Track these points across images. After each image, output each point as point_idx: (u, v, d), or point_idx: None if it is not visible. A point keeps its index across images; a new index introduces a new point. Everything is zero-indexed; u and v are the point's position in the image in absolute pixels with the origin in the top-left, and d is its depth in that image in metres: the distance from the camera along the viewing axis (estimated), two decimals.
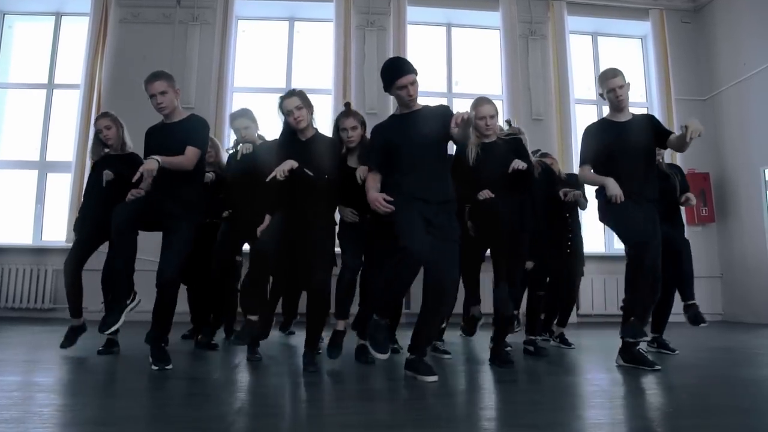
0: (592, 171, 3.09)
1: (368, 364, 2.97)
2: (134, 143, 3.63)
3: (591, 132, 3.14)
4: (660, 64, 6.98)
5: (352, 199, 3.15)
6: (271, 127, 5.78)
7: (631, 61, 7.39)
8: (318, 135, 3.04)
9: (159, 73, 3.00)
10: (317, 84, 6.67)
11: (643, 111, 7.17)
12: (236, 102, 6.80)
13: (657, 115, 6.90)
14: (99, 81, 6.36)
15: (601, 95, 3.11)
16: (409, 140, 2.65)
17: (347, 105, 3.46)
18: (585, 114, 6.96)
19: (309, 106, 2.96)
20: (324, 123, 6.30)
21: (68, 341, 3.28)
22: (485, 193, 2.99)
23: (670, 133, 3.07)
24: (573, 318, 4.25)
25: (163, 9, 6.59)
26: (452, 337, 3.91)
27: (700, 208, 6.62)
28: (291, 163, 2.78)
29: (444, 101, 6.87)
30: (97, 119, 3.57)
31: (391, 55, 6.50)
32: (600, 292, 6.46)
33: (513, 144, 3.21)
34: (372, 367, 2.93)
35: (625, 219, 2.91)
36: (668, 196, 3.60)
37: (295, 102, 2.90)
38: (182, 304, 3.45)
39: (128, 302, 2.89)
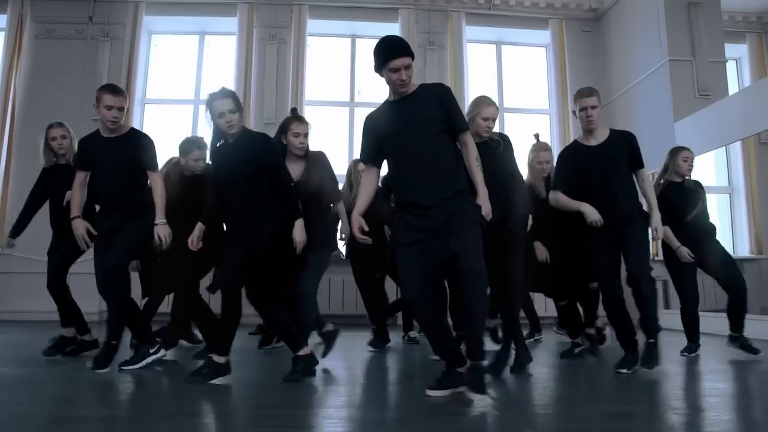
0: (562, 195, 3.04)
1: None
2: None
3: (563, 158, 3.12)
4: (558, 72, 7.17)
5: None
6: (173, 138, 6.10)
7: (537, 69, 7.59)
8: (246, 133, 2.79)
9: (121, 89, 3.04)
10: None
11: (545, 117, 7.39)
12: (147, 113, 7.15)
13: (555, 122, 7.14)
14: (14, 93, 6.73)
15: (573, 113, 3.07)
16: (398, 130, 2.35)
17: (293, 110, 3.25)
18: None
19: (241, 109, 2.75)
20: None
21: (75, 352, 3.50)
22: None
23: (642, 166, 3.03)
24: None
25: (76, 25, 6.93)
26: None
27: None
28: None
29: (346, 110, 7.16)
30: (51, 127, 3.61)
31: (291, 67, 6.80)
32: None
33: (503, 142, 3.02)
34: None
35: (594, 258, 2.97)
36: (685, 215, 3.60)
37: (228, 105, 2.65)
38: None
39: (151, 351, 3.01)
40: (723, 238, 6.39)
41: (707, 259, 3.56)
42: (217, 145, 2.79)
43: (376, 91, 7.17)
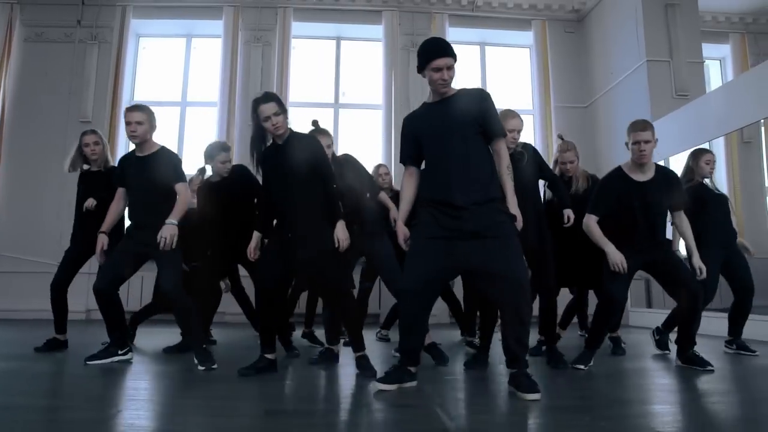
0: (596, 221, 3.02)
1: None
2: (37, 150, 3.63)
3: (606, 185, 3.07)
4: (541, 72, 7.24)
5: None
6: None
7: (521, 70, 7.65)
8: (294, 134, 2.82)
9: (141, 105, 3.18)
10: (207, 97, 7.08)
11: (529, 118, 7.45)
12: None
13: (538, 121, 7.21)
14: (3, 95, 6.83)
15: (626, 144, 3.02)
16: (436, 130, 2.38)
17: (315, 123, 3.36)
18: None
19: (285, 111, 2.79)
20: (209, 134, 6.75)
21: (45, 348, 3.53)
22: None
23: (683, 207, 3.07)
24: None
25: (64, 29, 7.03)
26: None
27: None
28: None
29: (331, 111, 7.23)
30: (85, 134, 3.71)
31: (276, 69, 6.89)
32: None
33: (532, 154, 3.23)
34: None
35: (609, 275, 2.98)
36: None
37: (272, 108, 2.71)
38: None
39: (119, 351, 3.09)
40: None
41: (736, 260, 3.62)
42: (262, 149, 2.82)
43: (360, 92, 7.28)
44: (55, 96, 6.82)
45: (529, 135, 7.36)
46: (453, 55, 2.37)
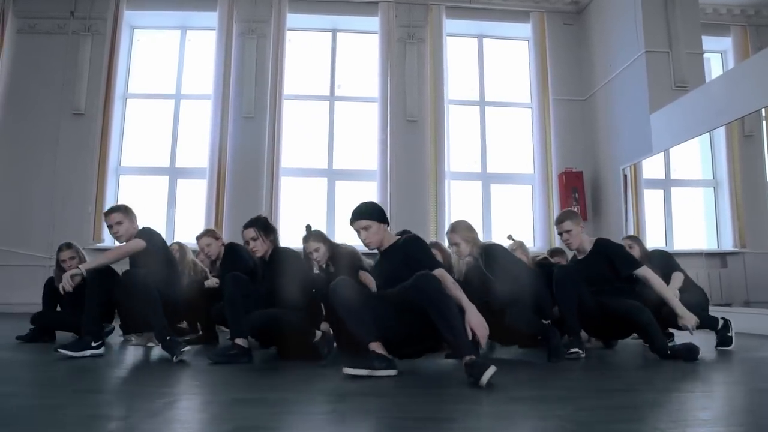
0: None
1: None
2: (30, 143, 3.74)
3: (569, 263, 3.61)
4: (539, 65, 7.15)
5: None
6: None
7: (519, 63, 7.56)
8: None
9: (116, 207, 3.27)
10: (201, 90, 7.00)
11: (527, 111, 7.36)
12: (129, 107, 7.18)
13: (536, 114, 7.12)
14: None
15: None
16: None
17: (308, 228, 3.50)
18: (460, 115, 7.19)
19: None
20: (204, 127, 6.68)
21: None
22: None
23: (632, 267, 3.07)
24: None
25: (58, 20, 6.97)
26: None
27: (572, 206, 6.77)
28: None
29: (326, 104, 7.16)
30: (60, 250, 3.80)
31: (270, 62, 6.81)
32: None
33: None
34: None
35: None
36: None
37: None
38: None
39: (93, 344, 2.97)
40: (707, 231, 6.42)
41: None
42: None
43: (356, 85, 7.21)
44: (48, 88, 6.76)
45: (527, 129, 7.28)
46: None
